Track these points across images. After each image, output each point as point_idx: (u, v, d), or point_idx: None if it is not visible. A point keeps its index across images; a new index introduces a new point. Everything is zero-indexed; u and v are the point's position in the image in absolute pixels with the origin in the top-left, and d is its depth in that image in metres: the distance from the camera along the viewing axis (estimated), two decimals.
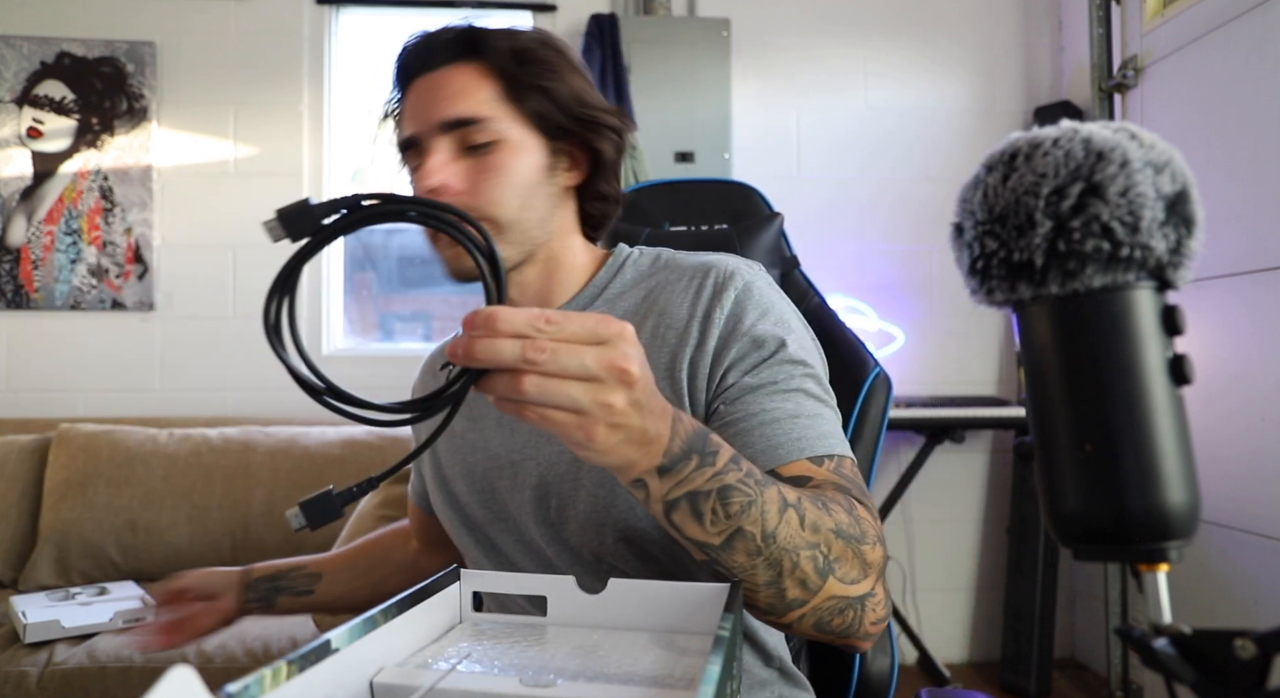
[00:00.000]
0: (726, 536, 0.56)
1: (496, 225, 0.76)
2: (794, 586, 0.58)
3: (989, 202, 0.38)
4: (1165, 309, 0.36)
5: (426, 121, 0.77)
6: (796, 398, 0.71)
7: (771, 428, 0.69)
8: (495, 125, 0.76)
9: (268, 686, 0.38)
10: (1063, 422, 0.36)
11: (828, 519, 0.60)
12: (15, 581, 1.97)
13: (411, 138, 0.78)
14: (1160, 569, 0.35)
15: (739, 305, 0.75)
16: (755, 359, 0.73)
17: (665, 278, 0.80)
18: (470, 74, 0.78)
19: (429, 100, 0.77)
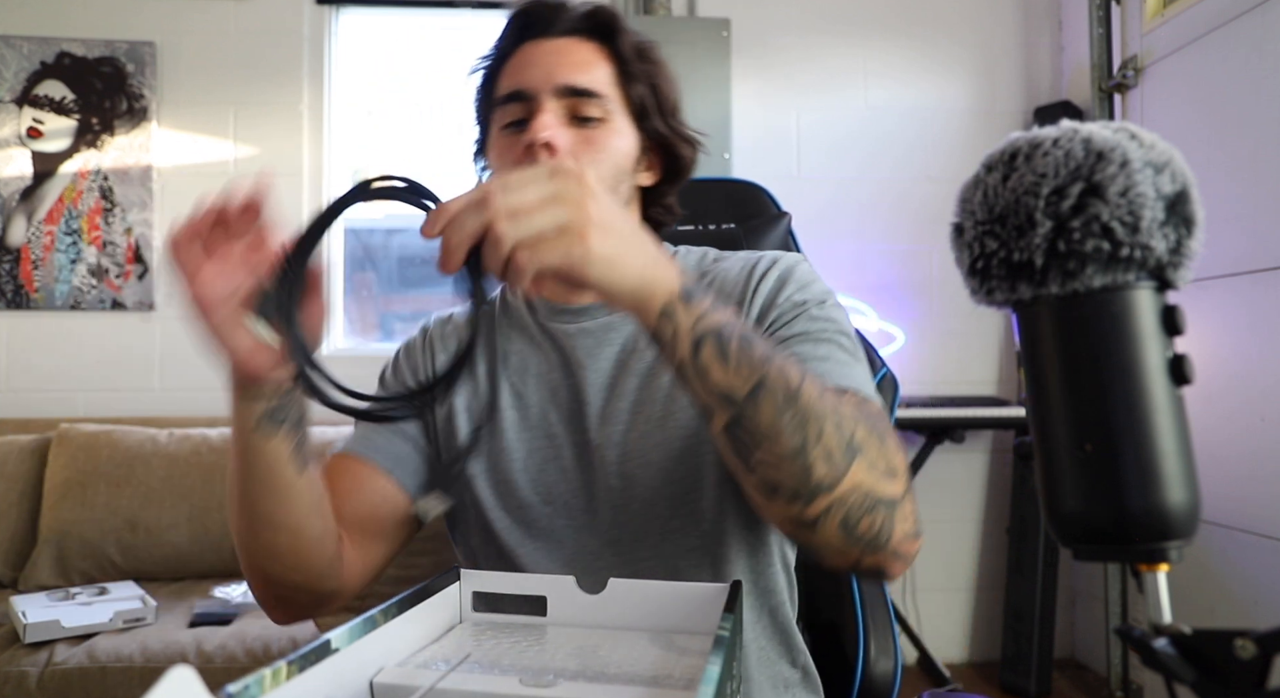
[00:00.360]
0: (752, 383, 0.54)
1: None
2: (821, 459, 0.55)
3: (989, 201, 0.38)
4: (1165, 309, 0.36)
5: (546, 81, 0.77)
6: (828, 348, 0.72)
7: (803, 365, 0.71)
8: (608, 104, 0.78)
9: (268, 686, 0.38)
10: (1063, 422, 0.36)
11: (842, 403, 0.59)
12: (15, 581, 1.97)
13: (523, 92, 0.78)
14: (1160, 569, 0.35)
15: (781, 280, 0.78)
16: (792, 315, 0.75)
17: (719, 267, 0.83)
18: (593, 50, 0.80)
19: (551, 62, 0.78)
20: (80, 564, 1.96)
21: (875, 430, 0.60)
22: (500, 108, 0.80)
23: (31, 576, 1.94)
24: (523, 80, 0.78)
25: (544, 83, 0.77)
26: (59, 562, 1.95)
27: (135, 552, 1.98)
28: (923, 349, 2.59)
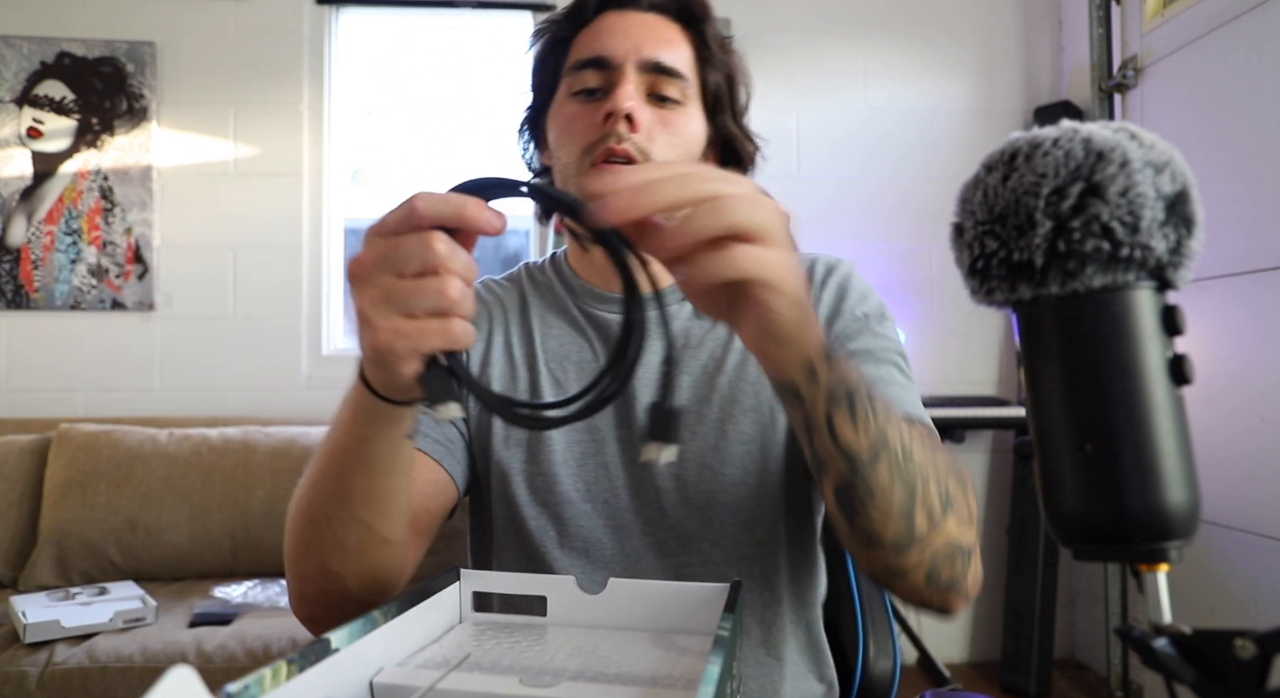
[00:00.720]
0: (874, 445, 0.53)
1: None
2: (923, 515, 0.56)
3: (989, 201, 0.38)
4: (1165, 309, 0.36)
5: (632, 51, 0.75)
6: (887, 369, 0.73)
7: None
8: (688, 88, 0.76)
9: (268, 686, 0.38)
10: (1063, 422, 0.36)
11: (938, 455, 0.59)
12: (15, 581, 1.97)
13: (605, 59, 0.75)
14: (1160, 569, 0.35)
15: (842, 289, 0.79)
16: (855, 329, 0.76)
17: None
18: (678, 32, 0.78)
19: (637, 34, 0.76)
20: (80, 564, 1.96)
21: (961, 479, 0.61)
22: (575, 73, 0.76)
23: (31, 576, 1.94)
24: (606, 47, 0.75)
25: (630, 53, 0.74)
26: (59, 562, 1.95)
27: (135, 552, 1.98)
28: (923, 349, 2.59)
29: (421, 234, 0.43)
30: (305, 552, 0.62)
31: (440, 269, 0.43)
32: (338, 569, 0.60)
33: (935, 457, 0.59)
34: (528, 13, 2.55)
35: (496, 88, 2.66)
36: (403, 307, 0.43)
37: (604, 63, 0.74)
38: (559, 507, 0.76)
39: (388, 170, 2.70)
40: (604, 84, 0.75)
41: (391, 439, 0.54)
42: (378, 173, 2.70)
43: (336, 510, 0.58)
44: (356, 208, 2.66)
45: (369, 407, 0.52)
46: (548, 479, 0.76)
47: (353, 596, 0.63)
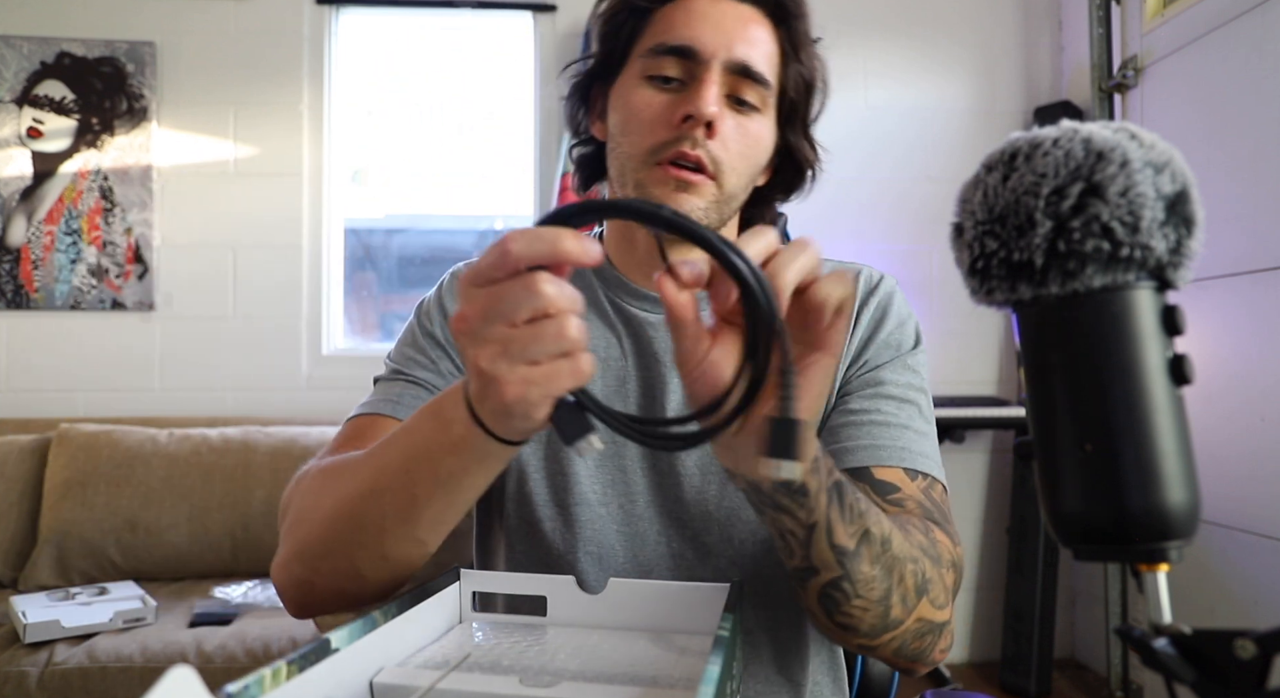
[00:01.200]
0: (858, 537, 0.54)
1: (721, 192, 0.71)
2: (898, 602, 0.57)
3: (989, 202, 0.38)
4: (1165, 309, 0.36)
5: (723, 49, 0.69)
6: (909, 410, 0.72)
7: (882, 429, 0.70)
8: (769, 96, 0.72)
9: (268, 686, 0.38)
10: (1063, 422, 0.36)
11: (912, 540, 0.60)
12: (15, 581, 1.97)
13: (694, 52, 0.69)
14: (1160, 569, 0.35)
15: (883, 311, 0.76)
16: (884, 359, 0.74)
17: None
18: (768, 31, 0.73)
19: (731, 29, 0.70)
20: (80, 564, 1.96)
21: (939, 561, 0.61)
22: (655, 57, 0.70)
23: (31, 575, 1.94)
24: (696, 37, 0.69)
25: (719, 49, 0.69)
26: (59, 562, 1.95)
27: (135, 552, 1.98)
28: None
29: (524, 278, 0.41)
30: (332, 551, 0.59)
31: (553, 310, 0.41)
32: (369, 575, 0.58)
33: (914, 538, 0.60)
34: (528, 13, 2.55)
35: (496, 88, 2.66)
36: (525, 356, 0.42)
37: (691, 54, 0.69)
38: (575, 508, 0.74)
39: (388, 170, 2.70)
40: (684, 76, 0.70)
41: (490, 474, 0.52)
42: (378, 173, 2.70)
43: (396, 527, 0.55)
44: (356, 208, 2.66)
45: (478, 446, 0.48)
46: (566, 479, 0.74)
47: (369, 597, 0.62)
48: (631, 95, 0.72)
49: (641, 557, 0.73)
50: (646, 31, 0.72)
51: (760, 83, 0.70)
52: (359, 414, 0.73)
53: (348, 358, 2.52)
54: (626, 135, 0.72)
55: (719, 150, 0.69)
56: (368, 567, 0.57)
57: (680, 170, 0.69)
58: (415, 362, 0.76)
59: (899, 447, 0.69)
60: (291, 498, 0.65)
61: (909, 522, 0.62)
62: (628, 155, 0.72)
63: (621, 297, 0.78)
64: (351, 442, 0.69)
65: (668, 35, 0.70)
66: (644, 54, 0.71)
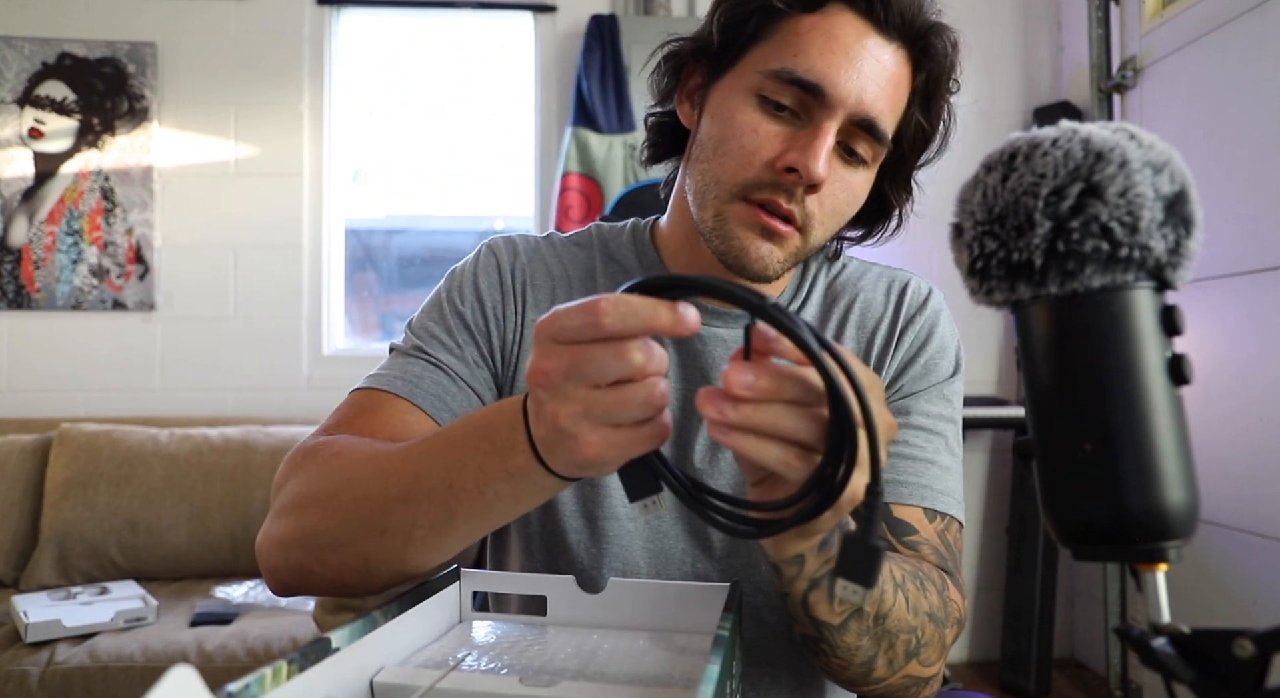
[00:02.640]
0: (845, 616, 0.55)
1: (804, 242, 0.66)
2: (883, 665, 0.59)
3: (988, 202, 0.38)
4: (1164, 309, 0.36)
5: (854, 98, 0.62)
6: (936, 443, 0.71)
7: (907, 463, 0.69)
8: (881, 152, 0.66)
9: (268, 685, 0.38)
10: (1061, 422, 0.36)
11: (924, 601, 0.60)
12: (17, 580, 1.97)
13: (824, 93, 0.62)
14: (1159, 569, 0.35)
15: (927, 331, 0.74)
16: (920, 387, 0.72)
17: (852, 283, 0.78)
18: (906, 76, 0.65)
19: (869, 74, 0.62)
20: (81, 564, 1.96)
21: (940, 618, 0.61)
22: (776, 81, 0.63)
23: (33, 575, 1.94)
24: (832, 78, 0.61)
25: (850, 97, 0.61)
26: (60, 561, 1.96)
27: (136, 551, 1.98)
28: None
29: (614, 345, 0.39)
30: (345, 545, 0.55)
31: (640, 377, 0.40)
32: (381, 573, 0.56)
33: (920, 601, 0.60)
34: (528, 13, 2.55)
35: (496, 88, 2.66)
36: (609, 420, 0.41)
37: (818, 93, 0.62)
38: (604, 522, 0.71)
39: (388, 170, 2.70)
40: (802, 110, 0.63)
41: (541, 501, 0.50)
42: (378, 173, 2.70)
43: (426, 537, 0.53)
44: (357, 208, 2.67)
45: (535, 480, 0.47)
46: (597, 491, 0.70)
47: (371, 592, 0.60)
48: (737, 113, 0.65)
49: (665, 576, 0.72)
50: (774, 38, 0.64)
51: (879, 141, 0.64)
52: (370, 387, 0.68)
53: (348, 358, 2.52)
54: (720, 155, 0.65)
55: (814, 206, 0.64)
56: (381, 567, 0.55)
57: (770, 218, 0.64)
58: (440, 343, 0.71)
59: (921, 484, 0.68)
60: (293, 473, 0.60)
61: (928, 580, 0.62)
62: (716, 179, 0.66)
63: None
64: (361, 418, 0.65)
65: (797, 62, 0.62)
66: (765, 71, 0.63)
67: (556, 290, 0.74)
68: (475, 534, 0.53)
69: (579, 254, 0.77)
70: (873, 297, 0.76)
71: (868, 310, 0.75)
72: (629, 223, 0.80)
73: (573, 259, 0.77)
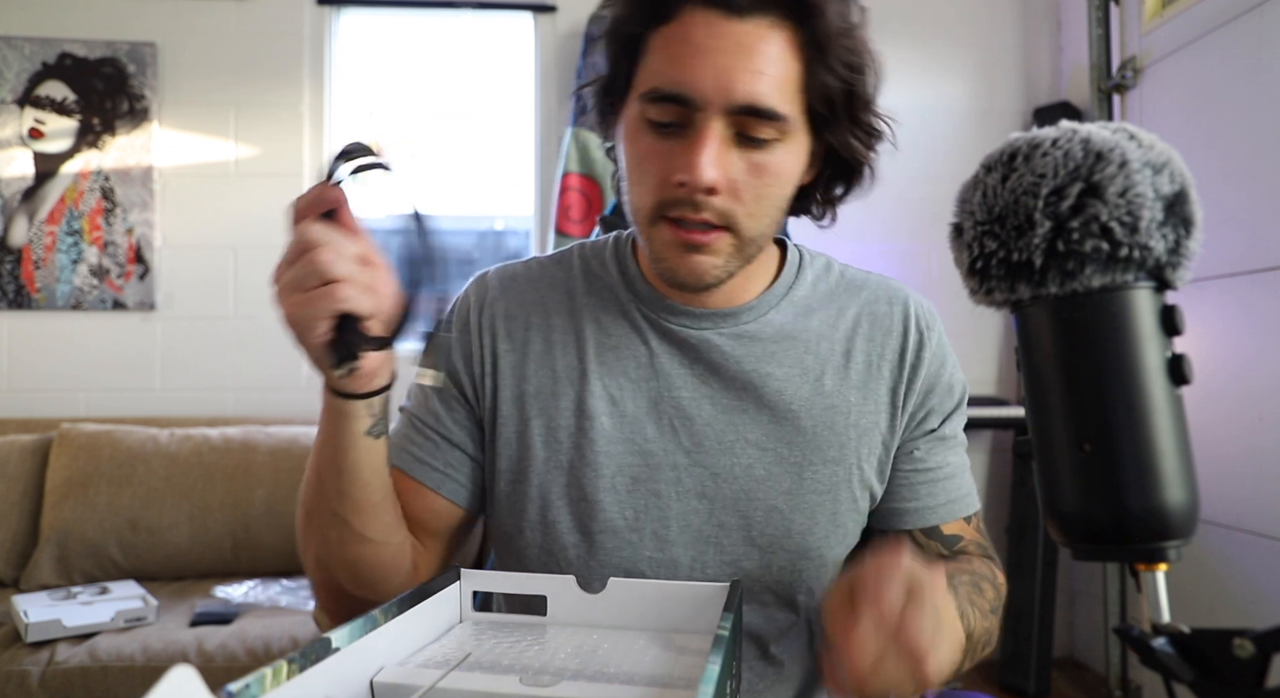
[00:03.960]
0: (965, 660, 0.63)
1: (741, 237, 0.65)
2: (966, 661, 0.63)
3: (988, 202, 0.38)
4: (1164, 309, 0.36)
5: (718, 93, 0.60)
6: (959, 451, 0.78)
7: (949, 484, 0.76)
8: (788, 124, 0.63)
9: (268, 685, 0.38)
10: (1061, 421, 0.36)
11: (985, 602, 0.68)
12: (17, 580, 1.97)
13: (687, 99, 0.61)
14: (1159, 569, 0.35)
15: (940, 351, 0.78)
16: (948, 407, 0.77)
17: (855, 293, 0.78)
18: (781, 43, 0.61)
19: (729, 64, 0.60)
20: (82, 564, 1.96)
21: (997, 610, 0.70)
22: (650, 102, 0.63)
23: (33, 575, 1.94)
24: (691, 82, 0.61)
25: (715, 94, 0.60)
26: (60, 561, 1.96)
27: (136, 551, 1.98)
28: None
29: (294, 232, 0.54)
30: (304, 546, 0.69)
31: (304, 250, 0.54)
32: (326, 562, 0.68)
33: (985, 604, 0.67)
34: (528, 13, 2.55)
35: (496, 88, 2.66)
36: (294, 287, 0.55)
37: (685, 101, 0.61)
38: (600, 536, 0.70)
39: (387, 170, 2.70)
40: (683, 120, 0.62)
41: (351, 435, 0.61)
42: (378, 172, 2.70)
43: (318, 506, 0.65)
44: (356, 208, 2.66)
45: (330, 404, 0.60)
46: (591, 506, 0.70)
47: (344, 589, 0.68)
48: (632, 141, 0.66)
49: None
50: (645, 59, 0.64)
51: (772, 117, 0.62)
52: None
53: None
54: (631, 185, 0.67)
55: (727, 204, 0.63)
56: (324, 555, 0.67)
57: (687, 232, 0.64)
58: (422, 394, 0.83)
59: (961, 497, 0.76)
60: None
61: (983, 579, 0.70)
62: (635, 208, 0.67)
63: (659, 313, 0.73)
64: None
65: (660, 77, 0.62)
66: (641, 95, 0.64)
67: (532, 318, 0.75)
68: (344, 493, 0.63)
69: (558, 274, 0.78)
70: (878, 310, 0.78)
71: (875, 324, 0.77)
72: (612, 236, 0.80)
73: (551, 281, 0.77)
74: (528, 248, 2.68)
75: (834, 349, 0.74)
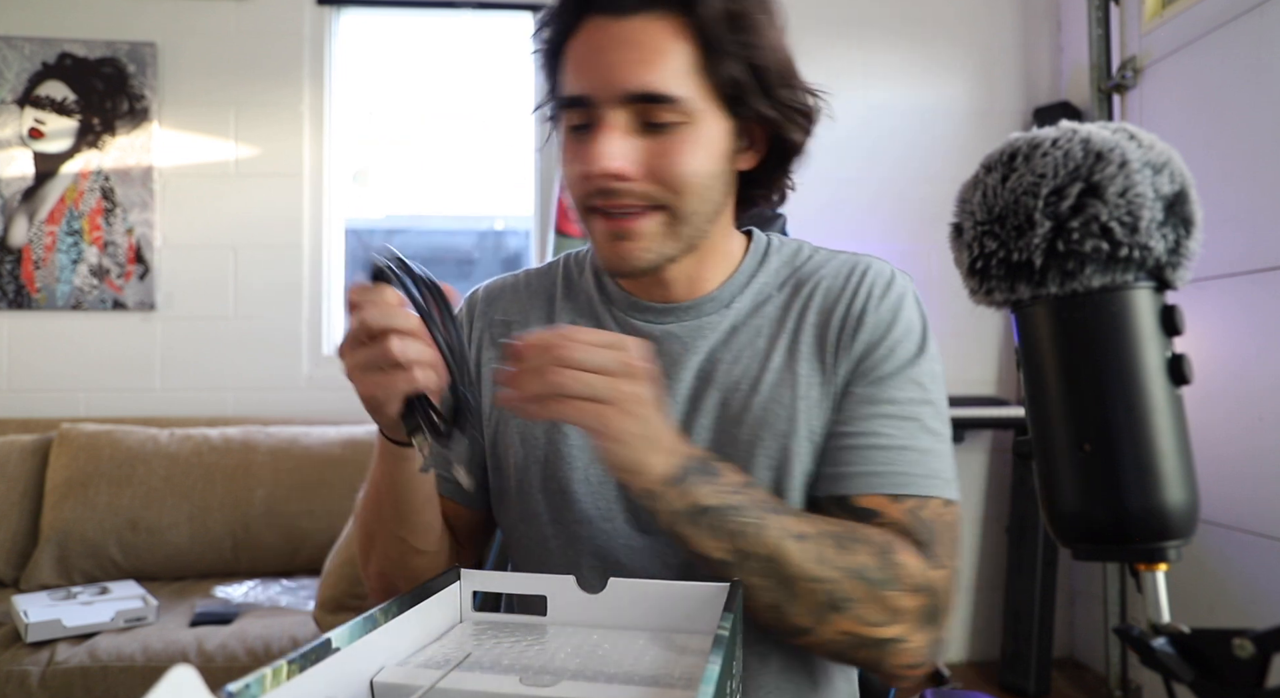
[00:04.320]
0: (735, 553, 0.61)
1: (673, 216, 0.69)
2: (803, 613, 0.62)
3: (988, 202, 0.38)
4: (1164, 309, 0.36)
5: (607, 88, 0.66)
6: (910, 428, 0.70)
7: (875, 454, 0.69)
8: (687, 104, 0.66)
9: (268, 685, 0.38)
10: (1062, 421, 0.36)
11: (845, 558, 0.62)
12: (17, 580, 1.97)
13: (583, 98, 0.67)
14: (1159, 569, 0.35)
15: (891, 314, 0.73)
16: (887, 371, 0.71)
17: (815, 272, 0.77)
18: (668, 33, 0.66)
19: (614, 60, 0.66)
20: (82, 564, 1.96)
21: (875, 578, 0.63)
22: (560, 108, 0.70)
23: (33, 575, 1.94)
24: (584, 83, 0.67)
25: (605, 90, 0.66)
26: (60, 561, 1.96)
27: (136, 551, 1.98)
28: None
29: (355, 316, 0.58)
30: (364, 561, 0.78)
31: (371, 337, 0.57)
32: (390, 575, 0.75)
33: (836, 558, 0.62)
34: (528, 13, 2.55)
35: (496, 88, 2.66)
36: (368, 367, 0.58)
37: (584, 102, 0.67)
38: (577, 525, 0.74)
39: (388, 170, 2.70)
40: (589, 120, 0.68)
41: (406, 473, 0.67)
42: (378, 173, 2.70)
43: (379, 528, 0.73)
44: (357, 208, 2.67)
45: (385, 448, 0.66)
46: (566, 497, 0.74)
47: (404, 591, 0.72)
48: (562, 148, 0.73)
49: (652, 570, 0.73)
50: (560, 74, 0.71)
51: (667, 101, 0.65)
52: None
53: None
54: (567, 185, 0.73)
55: (645, 187, 0.67)
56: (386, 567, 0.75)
57: (611, 220, 0.69)
58: None
59: (895, 472, 0.68)
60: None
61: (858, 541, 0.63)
62: (572, 207, 0.74)
63: (626, 312, 0.77)
64: None
65: (566, 86, 0.69)
66: (558, 107, 0.71)
67: (513, 326, 0.81)
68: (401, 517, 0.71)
69: (543, 283, 0.84)
70: (833, 283, 0.75)
71: (827, 296, 0.75)
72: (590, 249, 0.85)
73: (534, 290, 0.83)
74: (528, 248, 2.68)
75: (786, 328, 0.74)
